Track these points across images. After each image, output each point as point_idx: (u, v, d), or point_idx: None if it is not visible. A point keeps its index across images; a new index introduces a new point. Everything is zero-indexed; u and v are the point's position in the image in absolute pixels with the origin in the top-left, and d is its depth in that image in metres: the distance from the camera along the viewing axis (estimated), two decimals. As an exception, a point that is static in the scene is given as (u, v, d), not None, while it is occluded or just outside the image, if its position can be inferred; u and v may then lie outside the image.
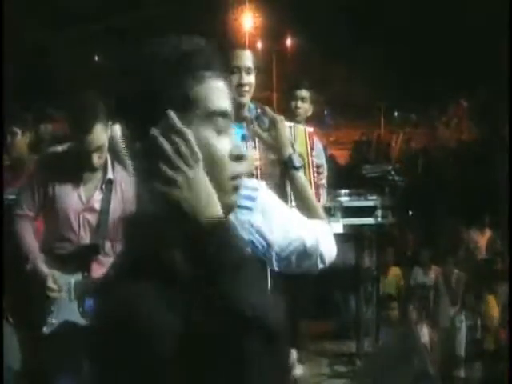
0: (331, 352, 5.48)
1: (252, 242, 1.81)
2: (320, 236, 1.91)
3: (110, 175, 3.28)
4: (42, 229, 3.39)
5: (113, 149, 3.47)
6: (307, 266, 1.90)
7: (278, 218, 1.85)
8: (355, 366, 5.16)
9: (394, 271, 6.51)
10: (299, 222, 1.90)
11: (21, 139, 4.70)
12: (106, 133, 3.18)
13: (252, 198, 1.81)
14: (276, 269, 1.87)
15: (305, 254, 1.88)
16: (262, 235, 1.82)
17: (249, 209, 1.80)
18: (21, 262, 3.29)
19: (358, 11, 13.45)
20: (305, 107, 4.46)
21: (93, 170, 3.23)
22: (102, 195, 3.27)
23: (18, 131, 4.71)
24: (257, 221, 1.80)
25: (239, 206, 1.75)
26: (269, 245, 1.83)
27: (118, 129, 3.95)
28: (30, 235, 3.30)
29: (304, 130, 2.96)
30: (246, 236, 1.79)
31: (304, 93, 4.45)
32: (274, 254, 1.84)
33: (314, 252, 1.89)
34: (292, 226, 1.87)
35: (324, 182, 3.27)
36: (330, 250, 1.93)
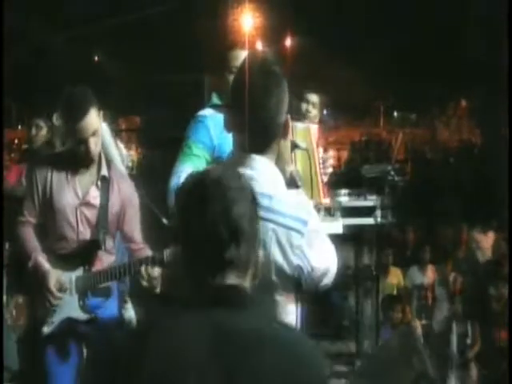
0: (331, 352, 5.48)
1: (300, 267, 1.88)
2: (335, 259, 2.00)
3: (104, 172, 3.30)
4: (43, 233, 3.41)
5: (105, 151, 3.49)
6: (323, 285, 1.97)
7: (320, 244, 1.93)
8: (355, 366, 5.17)
9: (394, 271, 6.51)
10: (328, 245, 1.98)
11: (45, 134, 4.74)
12: (99, 118, 3.20)
13: (304, 222, 1.86)
14: (304, 288, 1.96)
15: (327, 275, 1.96)
16: (309, 261, 1.89)
17: (300, 233, 1.88)
18: (23, 261, 3.31)
19: (359, 12, 13.44)
20: (314, 112, 4.47)
21: (89, 161, 3.23)
22: (99, 192, 3.29)
23: (44, 125, 4.74)
24: (307, 247, 1.87)
25: (291, 228, 1.83)
26: (312, 269, 1.90)
27: (106, 130, 3.96)
28: (32, 238, 3.33)
29: (307, 127, 2.99)
30: (295, 260, 1.87)
31: (314, 98, 4.46)
32: (314, 278, 1.92)
33: (332, 274, 1.97)
34: (326, 250, 1.96)
35: (330, 170, 3.33)
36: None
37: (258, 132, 1.90)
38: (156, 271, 3.14)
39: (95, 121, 3.16)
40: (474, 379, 5.46)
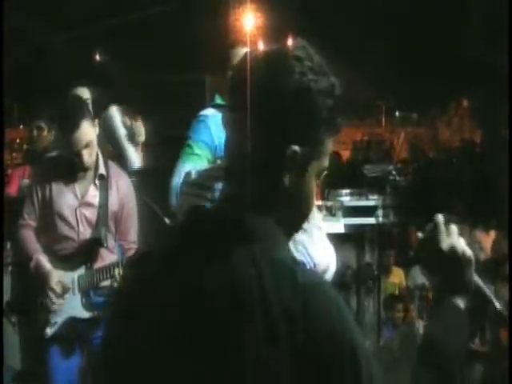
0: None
1: (303, 263, 1.88)
2: (334, 257, 2.00)
3: (101, 171, 3.31)
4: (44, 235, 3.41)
5: (108, 134, 3.50)
6: None
7: (322, 240, 1.92)
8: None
9: (396, 271, 6.51)
10: (328, 243, 1.98)
11: (46, 134, 4.77)
12: (94, 129, 3.21)
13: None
14: None
15: (327, 273, 1.96)
16: (311, 257, 1.89)
17: (303, 229, 1.86)
18: (24, 262, 3.31)
19: (360, 12, 13.43)
20: None
21: (85, 169, 3.26)
22: (98, 191, 3.30)
23: (45, 126, 4.77)
24: (309, 242, 1.86)
25: None
26: (315, 265, 1.90)
27: (115, 112, 3.95)
28: (32, 240, 3.34)
29: None
30: (298, 257, 1.85)
31: None
32: None
33: (331, 272, 1.98)
34: (327, 247, 1.96)
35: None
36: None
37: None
38: None
39: (88, 132, 3.17)
40: (478, 377, 5.47)
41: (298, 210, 1.24)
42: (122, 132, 4.04)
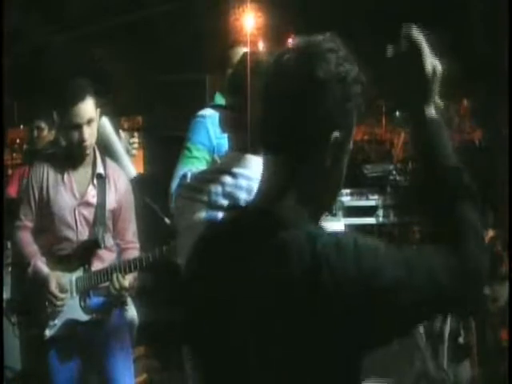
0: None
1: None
2: None
3: (99, 170, 3.31)
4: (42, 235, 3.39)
5: (101, 142, 3.50)
6: None
7: None
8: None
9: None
10: None
11: (47, 134, 4.77)
12: (96, 111, 3.22)
13: None
14: None
15: None
16: None
17: None
18: (22, 265, 3.30)
19: (360, 11, 13.43)
20: None
21: (84, 154, 3.25)
22: (96, 190, 3.30)
23: (45, 126, 4.77)
24: None
25: None
26: None
27: (106, 121, 3.97)
28: (29, 243, 3.34)
29: None
30: None
31: None
32: None
33: None
34: None
35: None
36: None
37: (256, 132, 1.90)
38: (127, 282, 3.14)
39: (91, 109, 3.18)
40: (467, 378, 5.46)
41: (332, 187, 1.40)
42: (115, 140, 4.05)
